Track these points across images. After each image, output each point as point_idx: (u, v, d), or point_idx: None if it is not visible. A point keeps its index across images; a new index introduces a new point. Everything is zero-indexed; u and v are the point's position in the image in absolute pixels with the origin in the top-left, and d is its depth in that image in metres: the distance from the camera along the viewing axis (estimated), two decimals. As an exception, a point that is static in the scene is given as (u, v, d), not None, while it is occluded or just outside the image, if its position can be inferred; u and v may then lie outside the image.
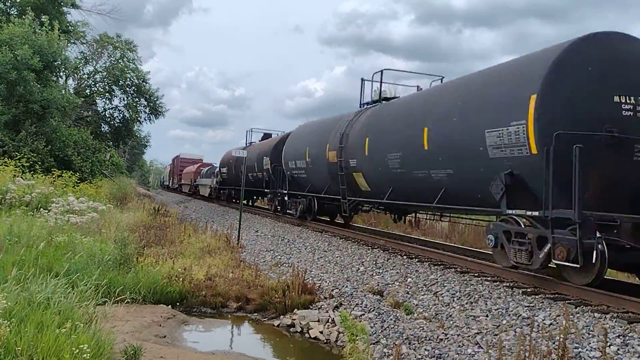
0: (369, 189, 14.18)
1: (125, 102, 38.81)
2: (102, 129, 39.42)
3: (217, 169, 37.00)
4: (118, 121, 39.66)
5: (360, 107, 16.28)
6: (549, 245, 7.91)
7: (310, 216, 19.14)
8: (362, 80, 16.47)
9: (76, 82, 37.65)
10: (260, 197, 31.23)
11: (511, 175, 8.51)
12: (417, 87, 14.82)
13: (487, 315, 7.58)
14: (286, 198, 21.07)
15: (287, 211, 21.26)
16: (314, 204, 18.54)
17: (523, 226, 8.60)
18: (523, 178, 8.45)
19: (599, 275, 7.63)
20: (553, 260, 7.95)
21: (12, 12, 28.62)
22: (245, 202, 29.08)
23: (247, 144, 30.61)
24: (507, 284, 8.98)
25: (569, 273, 8.11)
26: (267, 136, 29.07)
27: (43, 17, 24.44)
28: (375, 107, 14.81)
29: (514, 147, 8.39)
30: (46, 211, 11.80)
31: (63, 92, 25.82)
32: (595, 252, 7.32)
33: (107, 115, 39.69)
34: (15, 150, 20.51)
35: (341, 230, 16.94)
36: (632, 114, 7.97)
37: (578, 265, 7.49)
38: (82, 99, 33.29)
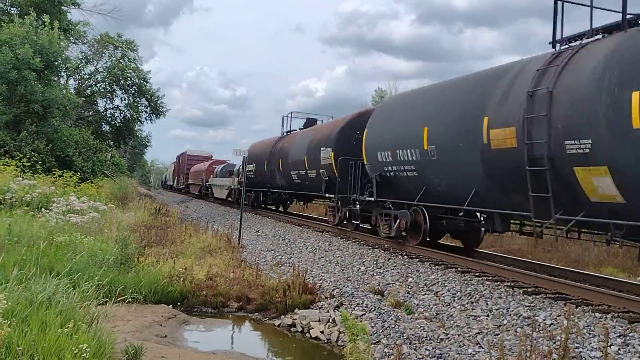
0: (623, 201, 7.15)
1: (126, 102, 38.84)
2: (103, 129, 39.43)
3: (238, 167, 30.91)
4: (119, 121, 39.69)
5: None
6: None
7: (419, 238, 12.20)
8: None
9: (77, 82, 37.66)
10: (303, 202, 25.87)
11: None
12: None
13: (488, 315, 7.58)
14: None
15: (362, 227, 15.95)
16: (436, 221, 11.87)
17: None
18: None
19: None
20: None
21: (13, 12, 28.62)
22: (274, 207, 27.12)
23: (285, 133, 24.51)
24: (508, 284, 8.98)
25: None
26: (311, 122, 22.79)
27: (44, 16, 24.43)
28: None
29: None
30: (47, 211, 11.79)
31: (64, 91, 25.81)
32: None
33: (108, 115, 39.72)
34: (16, 150, 20.52)
35: (341, 230, 16.93)
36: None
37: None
38: (83, 99, 33.30)
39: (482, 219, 11.64)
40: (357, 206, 15.00)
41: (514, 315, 7.42)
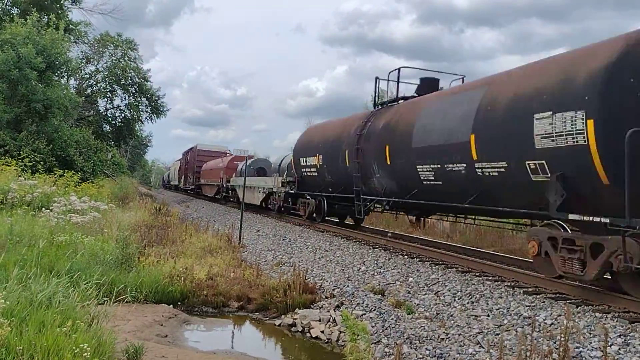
0: None
1: (127, 101, 38.90)
2: (104, 129, 39.48)
3: (284, 161, 23.91)
4: (119, 121, 39.73)
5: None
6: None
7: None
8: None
9: (77, 82, 37.69)
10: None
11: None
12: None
13: (488, 315, 7.58)
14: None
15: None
16: None
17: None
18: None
19: None
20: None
21: (14, 12, 28.66)
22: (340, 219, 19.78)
23: (380, 105, 15.30)
24: (509, 284, 8.98)
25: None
26: (430, 83, 14.28)
27: (47, 16, 24.48)
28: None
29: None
30: (48, 211, 11.81)
31: (65, 91, 25.85)
32: None
33: (109, 115, 39.76)
34: (16, 150, 20.54)
35: (351, 231, 16.93)
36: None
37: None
38: (83, 98, 33.32)
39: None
40: None
41: (514, 315, 7.42)
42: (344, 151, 15.62)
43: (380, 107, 15.21)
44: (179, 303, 9.22)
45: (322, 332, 8.21)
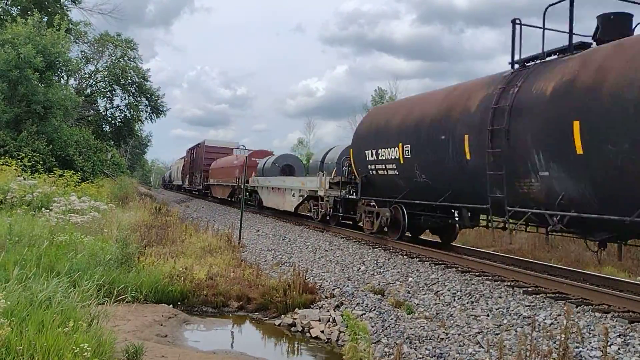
0: None
1: (127, 101, 38.87)
2: (104, 129, 39.46)
3: (338, 156, 18.73)
4: (119, 121, 39.70)
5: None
6: None
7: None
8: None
9: (77, 82, 37.69)
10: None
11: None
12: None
13: (488, 315, 7.58)
14: None
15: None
16: None
17: None
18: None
19: None
20: None
21: (14, 12, 28.66)
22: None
23: (560, 49, 9.25)
24: (508, 283, 8.99)
25: None
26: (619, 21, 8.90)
27: (47, 17, 24.47)
28: None
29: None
30: (47, 211, 11.80)
31: (65, 91, 25.84)
32: None
33: (109, 115, 39.74)
34: (16, 150, 20.54)
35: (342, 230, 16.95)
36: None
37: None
38: (83, 98, 33.31)
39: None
40: None
41: (514, 314, 7.43)
42: (460, 137, 10.37)
43: (532, 63, 9.70)
44: (179, 303, 9.22)
45: (322, 331, 8.21)
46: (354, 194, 15.56)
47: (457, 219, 12.38)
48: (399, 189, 13.18)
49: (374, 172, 14.12)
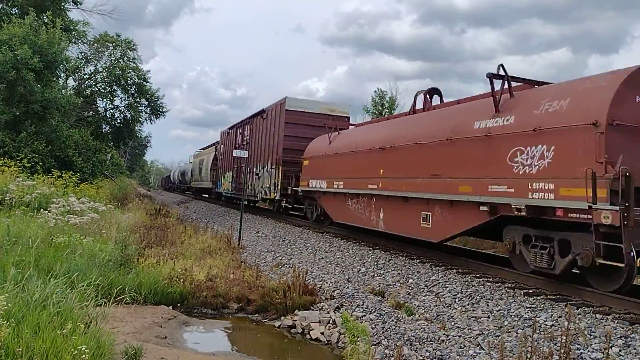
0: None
1: (126, 102, 38.84)
2: (103, 130, 39.40)
3: None
4: (119, 121, 39.66)
5: None
6: None
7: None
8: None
9: (77, 82, 37.66)
10: None
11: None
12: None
13: (488, 317, 7.56)
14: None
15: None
16: None
17: None
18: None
19: None
20: None
21: (13, 12, 28.62)
22: None
23: None
24: (509, 285, 8.96)
25: None
26: None
27: (45, 16, 24.44)
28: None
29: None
30: (46, 212, 11.78)
31: (63, 91, 25.82)
32: None
33: (108, 116, 39.69)
34: (15, 151, 20.52)
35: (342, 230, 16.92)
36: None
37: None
38: (82, 99, 33.28)
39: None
40: None
41: (514, 316, 7.41)
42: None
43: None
44: (179, 304, 9.19)
45: (322, 333, 8.18)
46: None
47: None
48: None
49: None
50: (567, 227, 8.20)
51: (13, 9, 29.35)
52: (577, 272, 8.71)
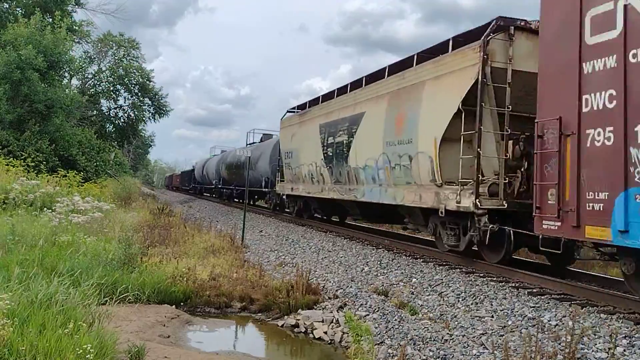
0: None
1: (130, 101, 38.90)
2: (107, 129, 39.47)
3: None
4: (123, 121, 39.73)
5: None
6: None
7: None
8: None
9: (81, 82, 37.75)
10: None
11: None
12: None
13: (492, 316, 7.54)
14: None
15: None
16: None
17: None
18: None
19: None
20: None
21: (18, 12, 28.70)
22: None
23: None
24: (513, 285, 8.94)
25: None
26: None
27: (50, 17, 24.51)
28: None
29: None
30: (50, 211, 11.80)
31: (67, 91, 25.87)
32: None
33: (112, 115, 39.78)
34: (19, 150, 20.57)
35: (346, 230, 16.92)
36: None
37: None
38: (87, 98, 33.35)
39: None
40: None
41: (518, 316, 7.38)
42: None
43: None
44: (182, 303, 9.19)
45: (325, 332, 8.17)
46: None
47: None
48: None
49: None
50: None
51: (17, 9, 29.43)
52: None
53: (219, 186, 38.42)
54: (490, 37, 9.86)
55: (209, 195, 45.89)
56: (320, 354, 7.69)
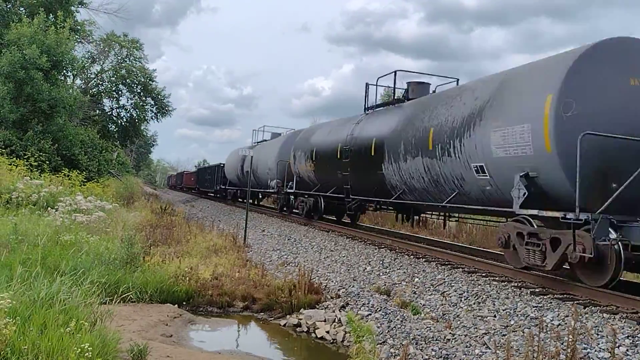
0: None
1: (133, 101, 38.93)
2: (110, 129, 39.50)
3: None
4: (125, 120, 39.77)
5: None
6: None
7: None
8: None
9: (83, 82, 37.78)
10: None
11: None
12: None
13: (494, 316, 7.53)
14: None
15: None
16: None
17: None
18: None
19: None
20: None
21: (21, 12, 28.72)
22: None
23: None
24: (515, 284, 8.92)
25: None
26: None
27: (53, 16, 24.54)
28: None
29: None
30: (53, 210, 11.83)
31: (70, 90, 25.90)
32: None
33: (114, 115, 39.82)
34: (22, 150, 20.61)
35: (348, 230, 16.92)
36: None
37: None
38: (89, 98, 33.37)
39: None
40: None
41: (521, 315, 7.37)
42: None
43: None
44: (184, 303, 9.20)
45: (328, 332, 8.17)
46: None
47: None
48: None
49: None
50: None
51: (21, 9, 29.45)
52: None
53: (300, 192, 20.73)
54: None
55: (254, 204, 30.54)
56: (323, 353, 7.69)
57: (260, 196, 31.97)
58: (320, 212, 19.32)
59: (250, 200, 27.32)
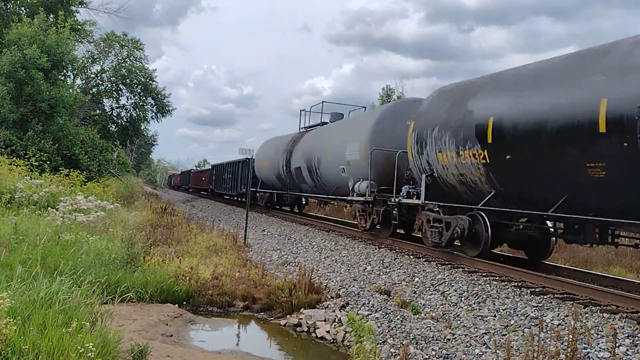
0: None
1: (133, 101, 38.90)
2: (110, 128, 39.45)
3: None
4: (125, 120, 39.73)
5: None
6: None
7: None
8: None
9: (83, 82, 37.75)
10: None
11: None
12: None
13: (495, 315, 7.53)
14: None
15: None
16: None
17: None
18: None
19: None
20: None
21: (22, 12, 28.73)
22: None
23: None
24: (516, 284, 8.92)
25: None
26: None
27: (53, 16, 24.54)
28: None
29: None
30: (54, 210, 11.83)
31: (70, 90, 25.91)
32: None
33: (115, 115, 39.78)
34: (22, 149, 20.61)
35: (350, 230, 16.91)
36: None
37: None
38: (89, 97, 33.35)
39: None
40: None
41: (521, 315, 7.38)
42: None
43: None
44: (185, 303, 9.20)
45: (328, 332, 8.17)
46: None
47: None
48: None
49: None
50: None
51: (21, 9, 29.46)
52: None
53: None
54: None
55: (297, 212, 26.43)
56: (323, 353, 7.69)
57: (319, 202, 26.37)
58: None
59: (288, 208, 24.60)
